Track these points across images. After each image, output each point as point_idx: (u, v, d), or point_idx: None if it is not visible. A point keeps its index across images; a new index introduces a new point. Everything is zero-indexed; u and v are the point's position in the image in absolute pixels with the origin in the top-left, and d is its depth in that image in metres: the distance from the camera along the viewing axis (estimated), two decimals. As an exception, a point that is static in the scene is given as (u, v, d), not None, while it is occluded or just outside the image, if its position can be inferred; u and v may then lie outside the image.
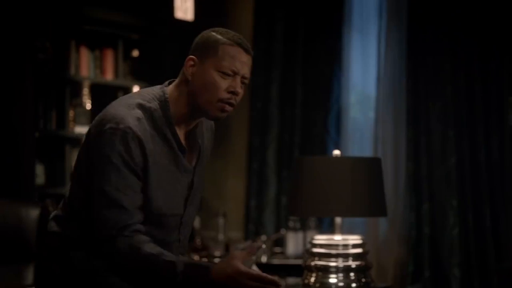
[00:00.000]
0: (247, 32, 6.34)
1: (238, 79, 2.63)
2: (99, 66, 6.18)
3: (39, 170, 5.77)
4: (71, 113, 5.98)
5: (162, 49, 6.50)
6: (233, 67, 2.61)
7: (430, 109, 5.47)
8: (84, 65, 6.07)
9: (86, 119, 6.05)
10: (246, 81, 2.66)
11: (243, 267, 2.49)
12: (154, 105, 2.63)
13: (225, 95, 2.61)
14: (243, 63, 2.63)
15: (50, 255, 2.70)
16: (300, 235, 5.51)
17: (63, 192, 5.86)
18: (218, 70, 2.61)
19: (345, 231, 4.10)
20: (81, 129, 6.02)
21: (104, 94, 6.27)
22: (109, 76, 6.23)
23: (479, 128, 5.34)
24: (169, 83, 2.71)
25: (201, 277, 2.50)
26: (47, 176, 5.87)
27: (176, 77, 2.72)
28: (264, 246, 5.34)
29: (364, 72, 5.91)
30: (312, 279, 3.87)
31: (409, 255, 5.40)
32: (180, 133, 2.67)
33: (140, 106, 2.60)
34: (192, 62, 2.64)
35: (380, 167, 3.97)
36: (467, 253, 5.27)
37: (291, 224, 5.53)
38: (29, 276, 4.09)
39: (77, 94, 6.11)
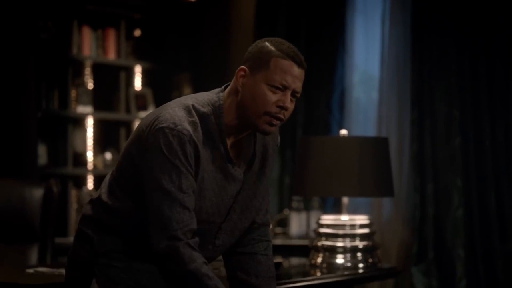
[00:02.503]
0: (249, 12, 6.30)
1: (288, 93, 2.57)
2: (101, 46, 6.16)
3: (42, 150, 5.75)
4: (73, 93, 5.96)
5: (164, 28, 6.47)
6: (283, 81, 2.55)
7: (434, 89, 5.44)
8: (86, 45, 6.04)
9: (88, 99, 6.03)
10: (298, 95, 2.61)
11: None
12: (208, 110, 2.58)
13: (273, 109, 2.56)
14: (294, 77, 2.57)
15: (80, 236, 2.70)
16: (303, 215, 5.49)
17: (65, 172, 5.88)
18: (268, 83, 2.55)
19: (349, 212, 4.09)
20: (83, 109, 5.99)
21: (106, 74, 6.26)
22: (111, 56, 6.21)
23: (483, 108, 5.31)
24: (226, 87, 2.66)
25: None
26: (49, 156, 5.85)
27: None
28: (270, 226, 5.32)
29: (367, 52, 5.87)
30: (319, 259, 3.87)
31: (413, 236, 5.38)
32: (229, 141, 2.62)
33: (195, 110, 2.56)
34: (243, 73, 2.59)
35: (387, 147, 3.96)
36: (472, 234, 5.25)
37: (294, 204, 5.51)
38: (33, 256, 4.09)
39: (79, 74, 6.09)
